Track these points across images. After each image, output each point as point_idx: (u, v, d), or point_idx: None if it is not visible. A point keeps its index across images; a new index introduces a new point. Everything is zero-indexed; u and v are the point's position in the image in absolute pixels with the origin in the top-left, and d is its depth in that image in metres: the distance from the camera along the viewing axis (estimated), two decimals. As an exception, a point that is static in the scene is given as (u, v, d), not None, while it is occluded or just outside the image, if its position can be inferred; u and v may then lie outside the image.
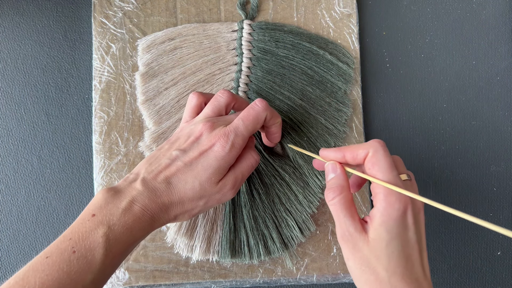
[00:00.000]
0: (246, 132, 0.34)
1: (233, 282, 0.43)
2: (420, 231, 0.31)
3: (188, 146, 0.34)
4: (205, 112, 0.36)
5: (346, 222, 0.31)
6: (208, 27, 0.46)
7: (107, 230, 0.30)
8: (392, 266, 0.30)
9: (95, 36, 0.46)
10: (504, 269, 0.46)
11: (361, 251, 0.31)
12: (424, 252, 0.31)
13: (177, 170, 0.33)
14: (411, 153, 0.47)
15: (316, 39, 0.47)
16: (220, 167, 0.33)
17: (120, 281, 0.42)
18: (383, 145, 0.32)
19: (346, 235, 0.31)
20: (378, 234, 0.30)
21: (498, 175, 0.47)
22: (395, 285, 0.30)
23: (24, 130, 0.46)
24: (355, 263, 0.31)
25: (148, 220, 0.32)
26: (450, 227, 0.47)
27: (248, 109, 0.35)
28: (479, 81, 0.49)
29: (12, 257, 0.44)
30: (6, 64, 0.47)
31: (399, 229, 0.30)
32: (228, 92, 0.37)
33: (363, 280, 0.31)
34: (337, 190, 0.33)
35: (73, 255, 0.28)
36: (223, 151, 0.33)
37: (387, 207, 0.30)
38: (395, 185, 0.30)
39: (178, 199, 0.33)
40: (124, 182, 0.33)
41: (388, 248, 0.30)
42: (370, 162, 0.31)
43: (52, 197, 0.45)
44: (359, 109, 0.46)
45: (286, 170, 0.44)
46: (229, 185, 0.34)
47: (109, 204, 0.31)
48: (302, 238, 0.43)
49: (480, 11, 0.49)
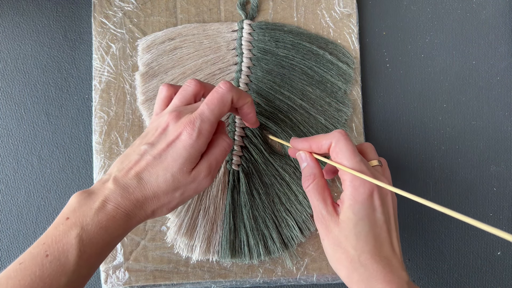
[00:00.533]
0: (213, 117, 0.33)
1: (233, 282, 0.43)
2: (389, 212, 0.34)
3: (156, 138, 0.33)
4: (173, 103, 0.36)
5: (319, 205, 0.34)
6: (208, 27, 0.46)
7: (80, 231, 0.29)
8: (361, 245, 0.32)
9: (95, 36, 0.46)
10: (504, 269, 0.46)
11: (332, 232, 0.33)
12: (393, 232, 0.34)
13: (147, 164, 0.32)
14: (411, 153, 0.47)
15: (316, 39, 0.47)
16: (190, 155, 0.33)
17: (120, 281, 0.42)
18: (344, 134, 0.34)
19: (319, 217, 0.34)
20: (346, 216, 0.33)
21: (498, 175, 0.47)
22: (365, 263, 0.32)
23: (24, 130, 0.46)
24: (329, 243, 0.34)
25: (123, 218, 0.32)
26: (450, 227, 0.47)
27: (212, 93, 0.34)
28: (479, 81, 0.49)
29: (12, 257, 0.44)
30: (6, 64, 0.47)
31: (366, 211, 0.32)
32: (196, 81, 0.36)
33: (336, 258, 0.33)
34: (310, 178, 0.36)
35: (45, 258, 0.28)
36: (190, 139, 0.32)
37: (353, 191, 0.32)
38: (359, 170, 0.32)
39: (152, 193, 0.32)
40: (98, 184, 0.33)
41: (355, 228, 0.32)
42: (334, 152, 0.34)
43: (52, 197, 0.45)
44: (359, 109, 0.46)
45: (286, 170, 0.44)
46: (203, 172, 0.34)
47: (82, 206, 0.31)
48: (302, 238, 0.43)
49: (480, 11, 0.49)
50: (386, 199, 0.34)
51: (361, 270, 0.32)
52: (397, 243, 0.33)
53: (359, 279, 0.32)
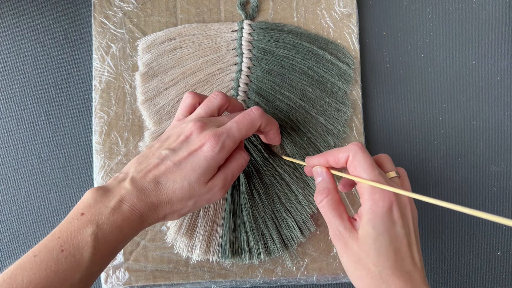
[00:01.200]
0: (239, 136, 0.34)
1: (233, 282, 0.43)
2: (408, 225, 0.33)
3: (178, 145, 0.34)
4: (197, 112, 0.36)
5: (335, 222, 0.33)
6: (208, 27, 0.46)
7: (96, 229, 0.30)
8: (382, 260, 0.31)
9: (95, 36, 0.46)
10: (504, 269, 0.46)
11: (351, 248, 0.32)
12: (413, 245, 0.32)
13: (166, 169, 0.33)
14: (411, 153, 0.47)
15: (316, 39, 0.47)
16: (209, 167, 0.33)
17: (120, 281, 0.42)
18: (361, 147, 0.33)
19: (336, 234, 0.33)
20: (365, 231, 0.31)
21: (498, 175, 0.47)
22: (386, 279, 0.31)
23: (24, 130, 0.46)
24: (348, 260, 0.33)
25: (137, 219, 0.32)
26: (450, 227, 0.47)
27: (244, 114, 0.35)
28: (479, 81, 0.49)
29: (12, 257, 0.44)
30: (6, 64, 0.47)
31: (386, 225, 0.31)
32: (222, 94, 0.37)
33: (357, 276, 0.32)
34: (324, 192, 0.34)
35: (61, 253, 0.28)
36: (212, 151, 0.33)
37: (372, 205, 0.31)
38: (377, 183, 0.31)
39: (167, 198, 0.33)
40: (114, 181, 0.33)
41: (375, 244, 0.31)
42: (352, 165, 0.33)
43: (52, 197, 0.45)
44: (359, 109, 0.46)
45: (286, 170, 0.44)
46: (219, 185, 0.35)
47: (98, 203, 0.31)
48: (302, 238, 0.43)
49: (480, 11, 0.49)
50: (406, 212, 0.33)
51: (383, 286, 0.31)
52: (418, 257, 0.32)
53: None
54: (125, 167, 0.35)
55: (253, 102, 0.45)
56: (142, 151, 0.35)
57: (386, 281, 0.31)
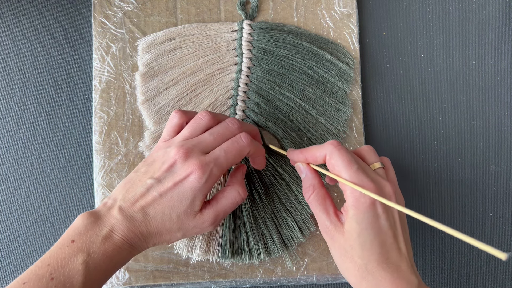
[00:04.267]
0: (226, 165, 0.33)
1: (233, 282, 0.43)
2: (394, 217, 0.33)
3: (162, 174, 0.33)
4: (183, 134, 0.35)
5: (322, 216, 0.34)
6: (208, 27, 0.46)
7: (87, 258, 0.29)
8: (366, 254, 0.32)
9: (95, 36, 0.46)
10: (504, 269, 0.46)
11: (338, 242, 0.33)
12: (399, 236, 0.33)
13: (153, 200, 0.32)
14: (411, 153, 0.47)
15: (316, 39, 0.47)
16: (195, 197, 0.33)
17: (120, 281, 0.42)
18: (337, 145, 0.34)
19: (324, 228, 0.34)
20: (350, 226, 0.32)
21: (498, 175, 0.47)
22: (372, 271, 0.32)
23: (24, 130, 0.46)
24: (336, 253, 0.34)
25: (128, 249, 0.32)
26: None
27: (233, 142, 0.34)
28: (479, 81, 0.49)
29: (12, 257, 0.44)
30: (6, 64, 0.47)
31: (369, 219, 0.32)
32: (209, 114, 0.36)
33: (345, 268, 0.33)
34: (310, 189, 0.36)
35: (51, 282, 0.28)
36: (198, 183, 0.32)
37: (354, 201, 0.32)
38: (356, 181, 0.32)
39: (156, 230, 0.33)
40: (103, 208, 0.33)
41: (360, 238, 0.32)
42: (330, 164, 0.34)
43: (52, 197, 0.45)
44: (359, 109, 0.46)
45: (286, 170, 0.44)
46: (208, 220, 0.34)
47: (89, 231, 0.31)
48: (302, 238, 0.43)
49: (480, 11, 0.49)
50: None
51: (369, 278, 0.31)
52: (405, 247, 0.33)
53: (367, 287, 0.32)
54: (113, 191, 0.34)
55: (253, 102, 0.45)
56: (129, 174, 0.35)
57: (372, 273, 0.31)
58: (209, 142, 0.34)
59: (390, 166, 0.37)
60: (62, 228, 0.45)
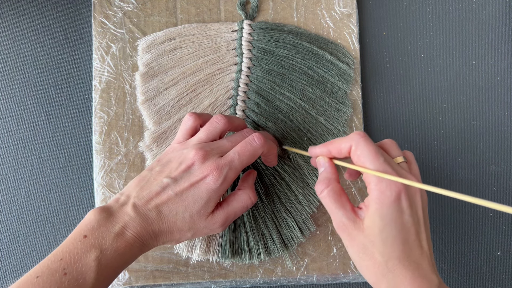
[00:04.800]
0: (240, 166, 0.34)
1: (233, 282, 0.43)
2: (417, 213, 0.32)
3: (179, 174, 0.33)
4: (199, 136, 0.36)
5: (338, 213, 0.32)
6: (208, 27, 0.46)
7: (99, 254, 0.29)
8: (388, 251, 0.30)
9: (95, 36, 0.46)
10: (504, 269, 0.46)
11: (357, 239, 0.32)
12: (422, 233, 0.32)
13: (168, 199, 0.33)
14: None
15: (316, 39, 0.47)
16: (210, 199, 0.33)
17: (120, 281, 0.42)
18: (364, 136, 0.32)
19: (340, 226, 0.33)
20: (372, 221, 0.31)
21: (498, 175, 0.47)
22: (393, 269, 0.30)
23: (24, 130, 0.46)
24: (354, 251, 0.32)
25: (139, 246, 0.32)
26: (450, 227, 0.47)
27: (246, 144, 0.35)
28: (479, 81, 0.49)
29: (12, 257, 0.44)
30: (6, 64, 0.47)
31: (393, 214, 0.30)
32: (225, 118, 0.36)
33: (363, 266, 0.32)
34: (325, 183, 0.34)
35: (64, 277, 0.28)
36: (214, 184, 0.33)
37: (379, 194, 0.31)
38: (383, 172, 0.30)
39: (168, 228, 0.33)
40: (116, 204, 0.33)
41: (382, 234, 0.30)
42: (356, 155, 0.32)
43: (52, 197, 0.45)
44: (359, 109, 0.46)
45: (286, 170, 0.44)
46: (219, 222, 0.35)
47: (101, 227, 0.31)
48: (302, 238, 0.43)
49: (480, 11, 0.49)
50: (415, 199, 0.32)
51: (389, 276, 0.30)
52: (426, 244, 0.31)
53: (387, 285, 0.30)
54: (125, 188, 0.34)
55: (253, 102, 0.45)
56: (142, 172, 0.35)
57: (393, 271, 0.30)
58: (227, 148, 0.35)
59: (413, 160, 0.35)
60: (62, 228, 0.45)
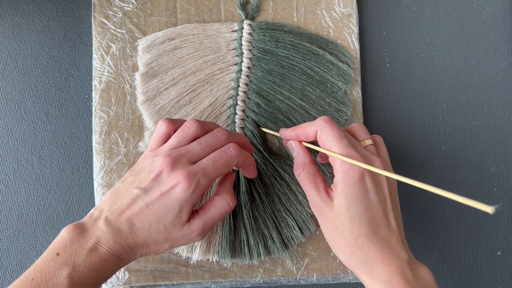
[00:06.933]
0: (214, 175, 0.33)
1: (233, 282, 0.43)
2: (383, 192, 0.34)
3: (149, 184, 0.32)
4: (170, 143, 0.35)
5: (312, 193, 0.35)
6: (208, 27, 0.46)
7: (72, 271, 0.29)
8: (356, 228, 0.32)
9: (95, 36, 0.46)
10: (504, 269, 0.46)
11: (328, 218, 0.34)
12: (390, 211, 0.33)
13: (139, 211, 0.32)
14: (411, 153, 0.47)
15: (316, 39, 0.47)
16: (182, 208, 0.32)
17: (120, 281, 0.42)
18: (328, 121, 0.34)
19: (314, 205, 0.35)
20: (339, 201, 0.33)
21: (498, 175, 0.47)
22: (362, 246, 0.32)
23: (24, 130, 0.46)
24: (326, 229, 0.34)
25: (114, 261, 0.31)
26: (450, 227, 0.47)
27: (221, 152, 0.34)
28: (479, 81, 0.49)
29: (12, 257, 0.44)
30: (6, 64, 0.47)
31: (358, 194, 0.32)
32: (197, 123, 0.35)
33: (335, 243, 0.34)
34: (300, 166, 0.36)
35: None
36: (185, 193, 0.31)
37: (343, 175, 0.32)
38: (346, 155, 0.32)
39: (143, 241, 0.32)
40: (89, 219, 0.32)
41: (349, 213, 0.32)
42: (321, 139, 0.34)
43: (52, 197, 0.45)
44: (359, 109, 0.46)
45: (286, 170, 0.44)
46: (196, 231, 0.33)
47: (74, 243, 0.30)
48: (302, 238, 0.43)
49: (480, 11, 0.49)
50: (380, 179, 0.33)
51: (359, 252, 0.32)
52: (395, 223, 0.33)
53: (358, 262, 0.32)
54: (100, 202, 0.34)
55: (253, 102, 0.45)
56: (117, 183, 0.34)
57: (362, 248, 0.32)
58: (197, 152, 0.34)
59: (382, 143, 0.37)
60: (62, 228, 0.45)
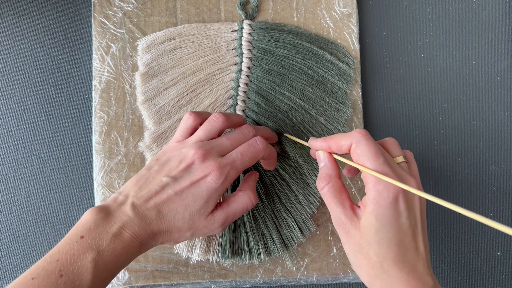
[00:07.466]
0: (242, 167, 0.34)
1: (233, 282, 0.43)
2: (415, 215, 0.32)
3: (179, 173, 0.33)
4: (197, 135, 0.35)
5: (336, 209, 0.33)
6: (208, 27, 0.46)
7: (96, 256, 0.29)
8: (383, 252, 0.30)
9: (95, 36, 0.46)
10: (504, 269, 0.46)
11: (353, 237, 0.32)
12: (419, 235, 0.31)
13: (168, 198, 0.32)
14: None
15: (316, 39, 0.47)
16: (210, 198, 0.33)
17: (120, 281, 0.42)
18: (365, 134, 0.32)
19: (338, 222, 0.33)
20: (368, 221, 0.31)
21: (498, 175, 0.47)
22: (387, 270, 0.30)
23: (24, 130, 0.46)
24: (349, 248, 0.32)
25: (137, 247, 0.31)
26: (450, 227, 0.47)
27: (249, 145, 0.35)
28: (479, 81, 0.49)
29: (12, 257, 0.44)
30: (6, 64, 0.47)
31: (390, 216, 0.30)
32: (223, 116, 0.36)
33: (358, 264, 0.32)
34: (325, 179, 0.34)
35: (60, 279, 0.28)
36: (215, 183, 0.32)
37: (376, 195, 0.30)
38: (382, 173, 0.30)
39: (167, 228, 0.32)
40: (114, 203, 0.32)
41: (378, 235, 0.30)
42: (355, 153, 0.32)
43: (52, 197, 0.45)
44: (359, 109, 0.46)
45: (286, 170, 0.44)
46: (218, 222, 0.34)
47: (99, 227, 0.30)
48: (302, 238, 0.43)
49: (480, 11, 0.49)
50: (413, 202, 0.32)
51: (383, 276, 0.30)
52: (423, 246, 0.31)
53: (381, 285, 0.30)
54: (123, 187, 0.34)
55: (253, 102, 0.45)
56: (140, 171, 0.35)
57: (387, 272, 0.30)
58: (226, 146, 0.35)
59: (413, 160, 0.35)
60: (62, 228, 0.45)
